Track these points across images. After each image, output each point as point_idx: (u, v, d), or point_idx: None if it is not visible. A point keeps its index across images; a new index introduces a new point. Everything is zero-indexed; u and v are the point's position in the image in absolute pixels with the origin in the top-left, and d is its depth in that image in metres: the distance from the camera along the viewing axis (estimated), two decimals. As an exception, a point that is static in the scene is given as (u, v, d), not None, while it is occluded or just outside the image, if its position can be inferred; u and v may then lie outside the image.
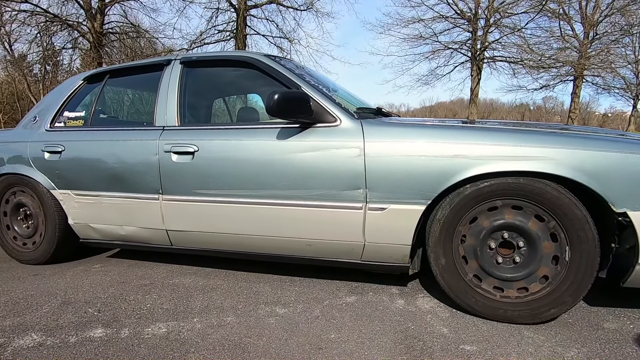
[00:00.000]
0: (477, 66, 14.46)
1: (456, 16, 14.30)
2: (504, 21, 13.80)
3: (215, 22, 13.97)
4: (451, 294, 1.53)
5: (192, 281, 1.97)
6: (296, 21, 14.28)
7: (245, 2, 13.36)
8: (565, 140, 1.39)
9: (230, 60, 2.04)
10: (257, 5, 13.88)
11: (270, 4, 13.84)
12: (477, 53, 14.27)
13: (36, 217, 2.22)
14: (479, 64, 14.47)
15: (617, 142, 1.38)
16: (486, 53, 14.54)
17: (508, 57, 14.27)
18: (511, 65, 14.38)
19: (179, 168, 1.83)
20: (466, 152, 1.44)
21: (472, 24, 13.99)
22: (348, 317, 1.54)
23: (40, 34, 14.76)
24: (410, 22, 14.27)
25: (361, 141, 1.57)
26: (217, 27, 14.06)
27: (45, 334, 1.44)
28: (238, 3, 13.38)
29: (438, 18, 14.23)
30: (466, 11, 14.18)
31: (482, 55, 14.43)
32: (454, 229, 1.50)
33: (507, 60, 14.36)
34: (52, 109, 2.28)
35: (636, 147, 1.34)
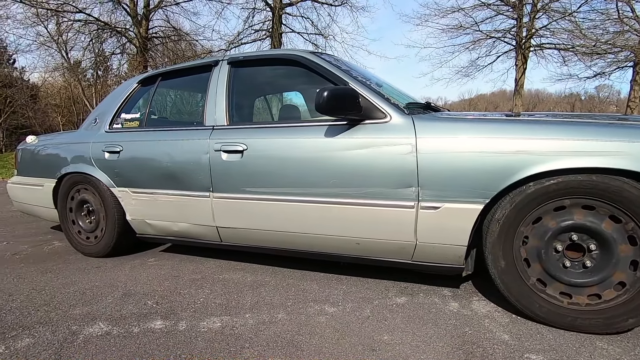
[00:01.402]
0: (523, 55, 13.64)
1: (499, 3, 13.55)
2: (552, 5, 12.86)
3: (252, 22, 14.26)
4: (511, 299, 1.44)
5: (241, 277, 2.01)
6: (331, 17, 14.28)
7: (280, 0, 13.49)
8: (645, 133, 1.26)
9: (276, 59, 2.06)
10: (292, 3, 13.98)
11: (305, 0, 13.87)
12: (523, 41, 13.45)
13: (98, 213, 2.38)
14: (524, 52, 13.64)
15: None
16: (532, 41, 13.67)
17: (557, 43, 13.32)
18: (561, 52, 13.41)
19: (229, 166, 1.87)
20: (530, 148, 1.34)
21: (517, 10, 13.18)
22: (400, 318, 1.50)
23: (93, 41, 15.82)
24: (449, 12, 13.73)
25: (413, 137, 1.52)
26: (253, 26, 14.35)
27: (110, 324, 1.53)
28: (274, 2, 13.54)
29: (479, 6, 13.56)
30: (510, -3, 13.38)
31: (528, 43, 13.58)
32: (515, 229, 1.41)
33: (556, 47, 13.40)
34: (110, 112, 2.43)
35: None
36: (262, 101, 2.99)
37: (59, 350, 1.34)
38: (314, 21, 14.29)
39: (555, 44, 13.38)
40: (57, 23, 15.50)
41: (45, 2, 14.08)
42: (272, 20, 13.90)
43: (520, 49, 13.58)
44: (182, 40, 16.36)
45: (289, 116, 2.46)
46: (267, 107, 3.07)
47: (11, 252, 2.59)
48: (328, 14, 14.15)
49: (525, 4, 13.19)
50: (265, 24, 14.39)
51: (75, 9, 14.29)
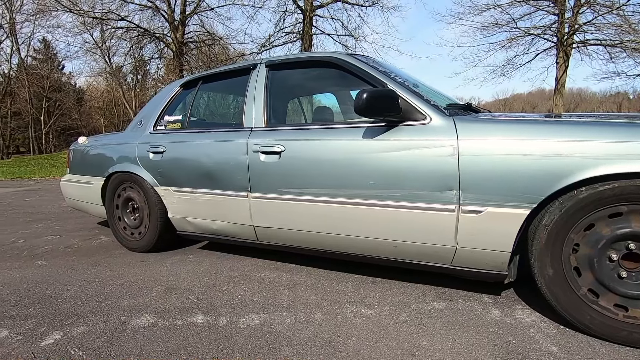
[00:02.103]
0: (564, 52, 12.93)
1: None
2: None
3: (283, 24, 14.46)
4: (559, 309, 1.37)
5: (277, 276, 2.05)
6: (361, 18, 14.20)
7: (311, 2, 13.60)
8: None
9: (313, 61, 2.08)
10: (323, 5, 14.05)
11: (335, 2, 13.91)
12: (565, 38, 12.75)
13: (142, 211, 2.50)
14: (566, 49, 12.92)
15: None
16: (575, 37, 12.92)
17: (604, 39, 12.51)
18: (607, 48, 12.58)
19: (267, 167, 1.91)
20: (583, 151, 1.28)
21: (559, 5, 12.52)
22: (439, 324, 1.47)
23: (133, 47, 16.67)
24: (484, 9, 13.26)
25: (454, 139, 1.49)
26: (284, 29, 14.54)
27: (156, 316, 1.61)
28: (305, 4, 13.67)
29: (517, 2, 12.99)
30: (551, -9, 12.73)
31: (571, 40, 12.85)
32: (564, 236, 1.34)
33: (602, 43, 12.59)
34: (154, 114, 2.55)
35: None
36: (295, 103, 3.03)
37: (110, 338, 1.43)
38: (344, 22, 14.30)
39: (601, 39, 12.58)
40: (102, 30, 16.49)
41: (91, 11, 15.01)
42: (303, 23, 14.04)
43: (561, 46, 12.88)
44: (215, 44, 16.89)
45: (322, 117, 2.48)
46: (300, 109, 3.11)
47: (64, 245, 2.78)
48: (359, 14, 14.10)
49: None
50: (296, 26, 14.56)
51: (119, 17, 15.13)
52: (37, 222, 3.68)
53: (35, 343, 1.40)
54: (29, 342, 1.41)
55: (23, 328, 1.52)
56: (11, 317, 1.62)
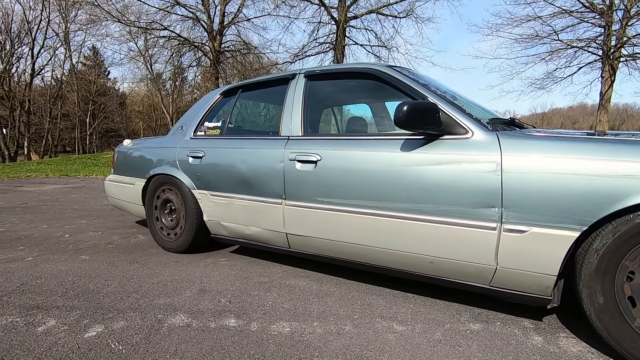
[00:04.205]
0: (611, 66, 12.27)
1: (583, 9, 12.40)
2: (650, 11, 11.44)
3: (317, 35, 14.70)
4: (610, 341, 1.28)
5: (307, 284, 2.05)
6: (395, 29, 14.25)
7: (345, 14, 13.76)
8: None
9: (351, 72, 2.09)
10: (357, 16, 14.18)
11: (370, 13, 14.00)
12: (611, 51, 12.12)
13: (179, 212, 2.60)
14: (612, 63, 12.27)
15: None
16: (624, 50, 12.26)
17: (656, 53, 11.77)
18: (659, 63, 11.82)
19: (302, 176, 1.93)
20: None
21: (606, 17, 11.94)
22: (475, 346, 1.41)
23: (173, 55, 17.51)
24: (524, 21, 12.88)
25: (498, 155, 1.44)
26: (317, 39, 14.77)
27: (190, 317, 1.65)
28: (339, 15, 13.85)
29: (559, 14, 12.53)
30: (597, 3, 12.19)
31: (618, 53, 12.20)
32: (617, 262, 1.26)
33: (654, 57, 11.86)
34: (195, 120, 2.65)
35: None
36: (329, 113, 3.05)
37: (148, 335, 1.48)
38: (377, 33, 14.35)
39: (652, 53, 11.85)
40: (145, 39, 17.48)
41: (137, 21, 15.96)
42: (336, 33, 14.21)
43: (607, 60, 12.25)
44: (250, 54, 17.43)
45: (356, 128, 2.48)
46: (333, 119, 3.13)
47: (105, 242, 2.92)
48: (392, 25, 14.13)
49: (616, 9, 11.91)
50: (329, 37, 14.76)
51: (161, 27, 15.98)
52: (81, 218, 3.90)
53: (80, 334, 1.48)
54: (74, 333, 1.48)
55: (68, 319, 1.60)
56: (58, 307, 1.72)
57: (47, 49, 23.07)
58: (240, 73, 16.53)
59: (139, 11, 15.83)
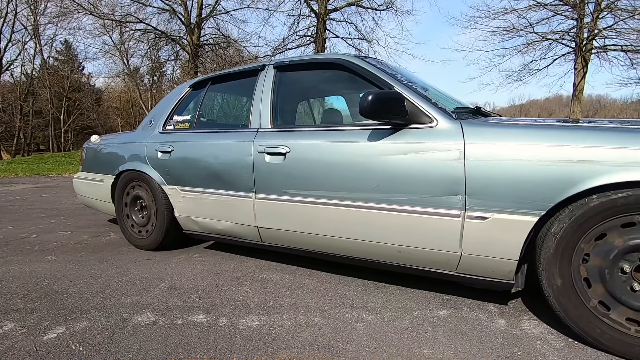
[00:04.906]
0: (583, 58, 12.64)
1: (557, 3, 12.68)
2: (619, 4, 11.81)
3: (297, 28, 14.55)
4: (568, 321, 1.32)
5: (279, 277, 2.04)
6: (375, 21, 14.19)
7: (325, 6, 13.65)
8: None
9: (321, 63, 2.07)
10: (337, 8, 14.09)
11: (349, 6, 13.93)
12: (584, 43, 12.47)
13: (149, 209, 2.53)
14: (585, 55, 12.63)
15: None
16: (595, 42, 12.63)
17: (625, 45, 12.18)
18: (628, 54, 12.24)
19: (272, 168, 1.91)
20: (595, 157, 1.23)
21: (578, 10, 12.26)
22: (441, 332, 1.44)
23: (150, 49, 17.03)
24: (500, 14, 13.09)
25: (461, 143, 1.45)
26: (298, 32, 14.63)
27: (157, 314, 1.61)
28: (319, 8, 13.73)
29: (535, 6, 12.79)
30: (570, -4, 12.48)
31: (590, 45, 12.56)
32: (574, 245, 1.29)
33: (623, 49, 12.27)
34: (164, 113, 2.58)
35: None
36: (305, 105, 3.02)
37: (111, 335, 1.44)
38: (357, 26, 14.32)
39: (622, 45, 12.26)
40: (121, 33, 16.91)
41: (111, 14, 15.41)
42: (317, 26, 14.11)
43: (580, 52, 12.60)
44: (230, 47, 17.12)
45: (331, 120, 2.47)
46: (309, 111, 3.10)
47: (74, 241, 2.83)
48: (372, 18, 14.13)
49: (588, 2, 12.24)
50: (309, 29, 14.64)
51: (137, 20, 15.49)
52: (51, 217, 3.77)
53: (38, 337, 1.42)
54: (32, 336, 1.43)
55: (28, 321, 1.54)
56: (17, 310, 1.65)
57: (15, 43, 22.02)
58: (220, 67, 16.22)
59: (113, 3, 15.28)
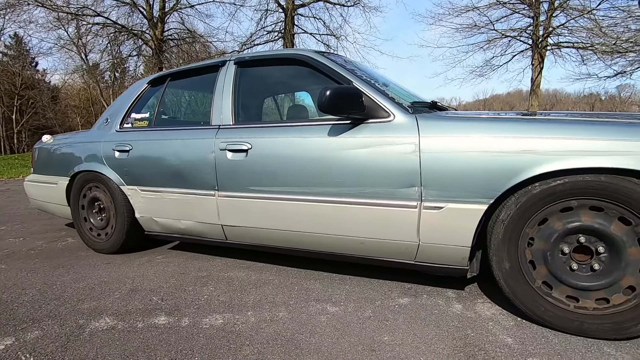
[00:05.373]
0: (539, 54, 13.33)
1: (515, 1, 13.28)
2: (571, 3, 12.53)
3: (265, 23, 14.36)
4: (516, 302, 1.41)
5: (246, 275, 2.03)
6: (343, 17, 14.25)
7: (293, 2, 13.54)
8: (659, 132, 1.21)
9: (281, 59, 2.07)
10: (304, 4, 14.01)
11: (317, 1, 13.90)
12: (539, 40, 13.15)
13: (108, 211, 2.43)
14: (541, 51, 13.32)
15: None
16: (550, 39, 13.34)
17: (576, 42, 12.96)
18: (579, 51, 13.04)
19: (234, 165, 1.89)
20: (536, 147, 1.31)
21: (534, 8, 12.89)
22: (401, 319, 1.49)
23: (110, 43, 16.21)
24: (463, 11, 13.53)
25: (416, 137, 1.50)
26: (266, 28, 14.44)
27: (116, 319, 1.56)
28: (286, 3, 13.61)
29: (494, 4, 13.31)
30: (527, -5, 13.09)
31: (545, 42, 13.26)
32: (520, 230, 1.38)
33: (574, 46, 13.05)
34: (121, 111, 2.48)
35: None
36: (272, 101, 3.01)
37: (65, 343, 1.38)
38: (326, 22, 14.31)
39: (573, 42, 13.03)
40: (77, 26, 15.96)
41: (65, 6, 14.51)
42: (285, 22, 13.97)
43: (536, 48, 13.28)
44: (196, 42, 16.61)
45: (297, 116, 2.47)
46: (276, 108, 3.09)
47: (27, 248, 2.67)
48: (340, 14, 14.17)
49: (542, 1, 12.90)
50: (277, 25, 14.47)
51: (94, 13, 14.68)
52: (1, 224, 3.53)
53: (-16, 349, 1.34)
54: (-23, 349, 1.34)
55: (-28, 334, 1.45)
56: (-39, 323, 1.55)
57: (-43, 37, 20.30)
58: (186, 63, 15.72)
59: (67, -5, 14.38)
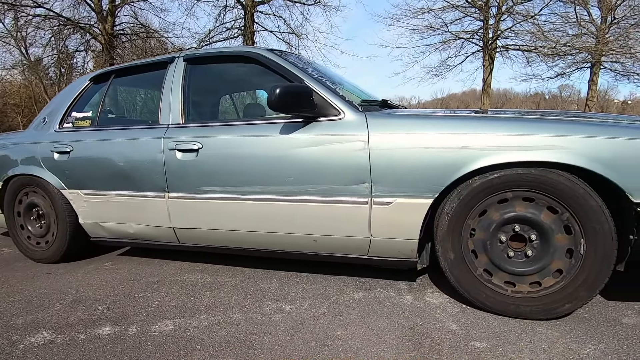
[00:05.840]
0: (489, 56, 14.13)
1: (467, 5, 13.97)
2: (516, 8, 13.41)
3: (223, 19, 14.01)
4: (461, 289, 1.49)
5: (200, 278, 1.97)
6: (304, 16, 14.20)
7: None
8: (579, 128, 1.33)
9: (232, 56, 2.03)
10: (264, 1, 13.83)
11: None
12: (489, 42, 13.93)
13: (48, 217, 2.26)
14: (491, 53, 14.13)
15: (635, 129, 1.31)
16: (498, 42, 14.19)
17: (521, 45, 13.89)
18: (525, 53, 13.99)
19: (184, 166, 1.83)
20: (474, 143, 1.39)
21: (484, 12, 13.64)
22: (355, 313, 1.52)
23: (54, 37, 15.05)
24: (419, 13, 14.02)
25: (365, 134, 1.54)
26: (225, 24, 14.10)
27: (55, 332, 1.46)
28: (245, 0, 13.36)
29: (448, 7, 13.93)
30: None
31: (494, 45, 14.08)
32: (462, 222, 1.45)
33: (520, 48, 13.98)
34: (60, 110, 2.31)
35: None
36: (229, 100, 2.94)
37: (-6, 362, 1.27)
38: (286, 20, 14.21)
39: (519, 45, 13.96)
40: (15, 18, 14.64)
41: (0, -5, 13.27)
42: (244, 19, 13.72)
43: (487, 50, 14.06)
44: (151, 38, 15.86)
45: (253, 114, 2.44)
46: (232, 106, 3.02)
47: (-47, 261, 2.42)
48: (301, 12, 14.10)
49: (491, 6, 13.68)
50: (237, 22, 14.18)
51: (35, 4, 13.56)
52: None
53: None
54: None
55: None
56: None
57: None
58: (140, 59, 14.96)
59: (2, -17, 13.16)
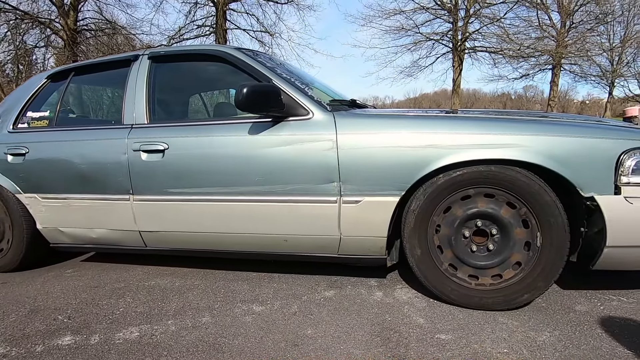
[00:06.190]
0: (459, 57, 14.60)
1: (437, 7, 14.38)
2: (483, 11, 13.93)
3: (194, 16, 13.69)
4: (427, 284, 1.53)
5: (169, 282, 1.92)
6: (277, 15, 14.10)
7: (223, -5, 13.09)
8: (536, 127, 1.40)
9: (200, 54, 1.99)
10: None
11: (249, -3, 13.59)
12: (458, 44, 14.40)
13: (2, 223, 2.13)
14: (460, 54, 14.61)
15: (586, 128, 1.40)
16: (467, 43, 14.69)
17: (488, 47, 14.46)
18: (491, 55, 14.57)
19: (149, 167, 1.77)
20: (438, 142, 1.43)
21: (453, 14, 14.08)
22: (326, 312, 1.53)
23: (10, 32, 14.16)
24: (391, 14, 14.31)
25: (333, 134, 1.55)
26: (196, 22, 13.79)
27: (10, 345, 1.38)
28: (217, -3, 13.11)
29: (419, 9, 14.29)
30: (446, 2, 14.26)
31: (463, 46, 14.57)
32: (428, 219, 1.50)
33: (487, 50, 14.54)
34: (14, 110, 2.18)
35: (604, 132, 1.36)
36: (198, 99, 2.87)
37: (-61, 380, 1.18)
38: (259, 18, 14.07)
39: (486, 47, 14.52)
40: (-34, 10, 13.66)
41: (-53, -14, 12.35)
42: (216, 16, 13.46)
43: (456, 51, 14.53)
44: (118, 34, 15.24)
45: (223, 114, 2.39)
46: (202, 105, 2.96)
47: None
48: (274, 11, 14.00)
49: (460, 9, 14.14)
50: (208, 19, 13.89)
51: (-13, -4, 12.69)
52: None
53: None
54: None
55: None
56: None
57: None
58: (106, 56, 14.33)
59: (-51, -28, 12.22)
